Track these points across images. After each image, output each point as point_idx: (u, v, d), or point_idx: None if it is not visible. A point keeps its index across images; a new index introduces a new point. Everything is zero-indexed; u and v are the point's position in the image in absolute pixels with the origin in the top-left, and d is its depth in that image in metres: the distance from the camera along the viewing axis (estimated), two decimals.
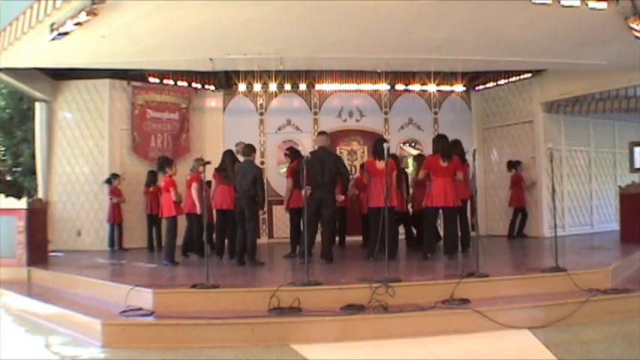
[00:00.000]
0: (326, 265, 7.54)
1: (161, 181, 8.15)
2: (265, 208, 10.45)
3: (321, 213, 7.66)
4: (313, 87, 11.69)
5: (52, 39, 6.89)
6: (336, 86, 11.65)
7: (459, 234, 8.29)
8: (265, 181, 11.48)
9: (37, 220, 8.61)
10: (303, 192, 6.98)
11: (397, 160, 8.72)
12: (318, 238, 7.79)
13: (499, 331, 5.08)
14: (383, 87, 11.61)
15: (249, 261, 7.77)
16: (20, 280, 7.95)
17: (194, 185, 8.48)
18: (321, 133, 8.45)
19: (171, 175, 8.15)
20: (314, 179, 7.52)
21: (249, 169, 7.85)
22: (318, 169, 7.57)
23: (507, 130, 11.91)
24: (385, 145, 6.40)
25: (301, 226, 8.60)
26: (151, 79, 10.98)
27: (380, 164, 7.50)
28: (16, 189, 13.75)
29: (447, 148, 7.77)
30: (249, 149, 8.12)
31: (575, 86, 10.44)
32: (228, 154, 8.49)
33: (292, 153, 9.13)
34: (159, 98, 11.32)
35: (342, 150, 12.03)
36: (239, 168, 7.99)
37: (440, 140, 7.88)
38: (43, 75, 10.27)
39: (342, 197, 8.15)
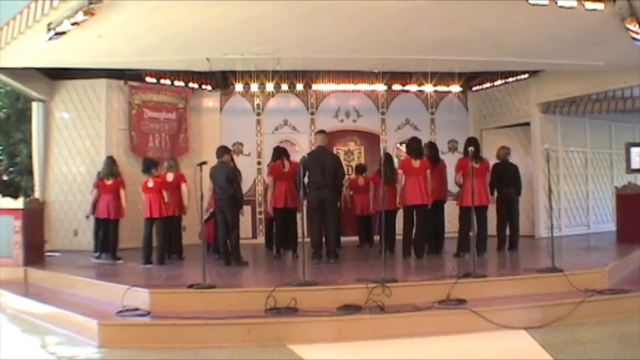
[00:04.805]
0: (335, 263, 7.62)
1: (151, 181, 8.18)
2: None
3: (325, 214, 7.69)
4: (310, 87, 11.68)
5: (49, 39, 6.87)
6: (333, 86, 11.62)
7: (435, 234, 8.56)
8: (260, 181, 11.61)
9: (34, 219, 8.60)
10: (300, 194, 7.01)
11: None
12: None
13: (496, 331, 5.10)
14: (380, 87, 11.61)
15: (234, 261, 7.78)
16: (17, 279, 7.95)
17: (184, 186, 8.70)
18: (320, 132, 8.43)
19: (157, 175, 8.27)
20: (314, 179, 7.56)
21: (222, 169, 7.84)
22: (318, 170, 7.60)
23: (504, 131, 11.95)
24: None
25: (290, 226, 8.69)
26: (148, 79, 10.95)
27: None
28: (12, 189, 13.73)
29: (478, 151, 7.96)
30: (221, 151, 8.08)
31: (571, 87, 10.46)
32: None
33: (275, 152, 9.03)
34: (156, 98, 11.30)
35: (339, 150, 12.02)
36: (213, 171, 7.90)
37: (470, 143, 7.91)
38: (40, 75, 10.24)
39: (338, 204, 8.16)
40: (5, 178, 14.65)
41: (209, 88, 11.77)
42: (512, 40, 7.80)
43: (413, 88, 11.64)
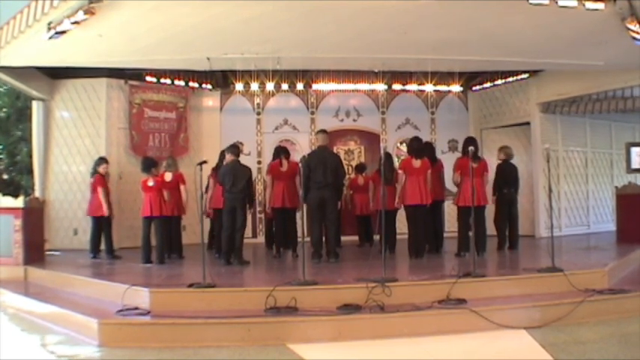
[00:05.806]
0: (335, 263, 7.62)
1: (151, 180, 8.18)
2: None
3: (325, 214, 7.69)
4: (310, 86, 11.70)
5: (50, 38, 6.88)
6: (333, 86, 11.65)
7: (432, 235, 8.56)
8: (260, 180, 11.62)
9: (34, 218, 8.60)
10: (300, 193, 7.01)
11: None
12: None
13: (495, 331, 5.10)
14: (380, 87, 11.64)
15: (236, 261, 7.75)
16: (17, 279, 7.94)
17: (183, 187, 8.67)
18: (322, 131, 8.38)
19: (156, 175, 8.28)
20: (315, 179, 7.56)
21: (241, 169, 7.83)
22: (320, 169, 7.60)
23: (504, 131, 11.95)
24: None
25: (289, 226, 8.69)
26: (148, 78, 10.97)
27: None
28: (12, 188, 13.74)
29: (476, 151, 7.91)
30: (237, 149, 8.09)
31: (571, 87, 10.46)
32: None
33: (275, 151, 9.02)
34: (156, 97, 11.31)
35: (339, 150, 12.03)
36: (229, 168, 7.84)
37: (469, 142, 7.93)
38: (40, 74, 10.24)
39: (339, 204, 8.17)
40: (5, 177, 14.65)
41: (209, 87, 11.79)
42: (512, 40, 7.79)
43: (413, 87, 11.68)
